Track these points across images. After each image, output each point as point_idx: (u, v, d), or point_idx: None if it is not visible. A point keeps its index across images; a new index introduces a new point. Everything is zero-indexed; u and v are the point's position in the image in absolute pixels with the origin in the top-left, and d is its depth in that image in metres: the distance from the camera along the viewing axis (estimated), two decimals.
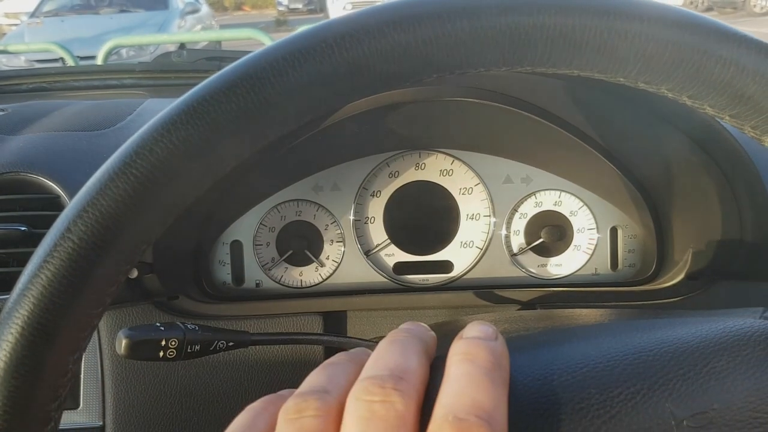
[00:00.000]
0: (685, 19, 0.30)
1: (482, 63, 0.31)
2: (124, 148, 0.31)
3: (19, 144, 0.75)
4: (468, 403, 0.26)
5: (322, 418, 0.27)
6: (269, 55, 0.31)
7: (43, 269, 0.30)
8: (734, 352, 0.30)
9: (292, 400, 0.28)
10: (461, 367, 0.28)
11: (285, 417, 0.28)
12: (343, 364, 0.31)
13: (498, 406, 0.26)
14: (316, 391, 0.29)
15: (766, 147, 0.33)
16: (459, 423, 0.25)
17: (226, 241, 0.82)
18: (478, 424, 0.25)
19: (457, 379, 0.27)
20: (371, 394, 0.27)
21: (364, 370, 0.29)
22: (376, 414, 0.26)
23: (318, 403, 0.28)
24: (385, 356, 0.30)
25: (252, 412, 0.31)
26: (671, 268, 0.76)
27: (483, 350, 0.29)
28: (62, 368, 0.32)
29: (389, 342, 0.31)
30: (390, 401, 0.26)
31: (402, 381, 0.27)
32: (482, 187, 0.83)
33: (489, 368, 0.28)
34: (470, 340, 0.29)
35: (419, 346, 0.31)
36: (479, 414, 0.25)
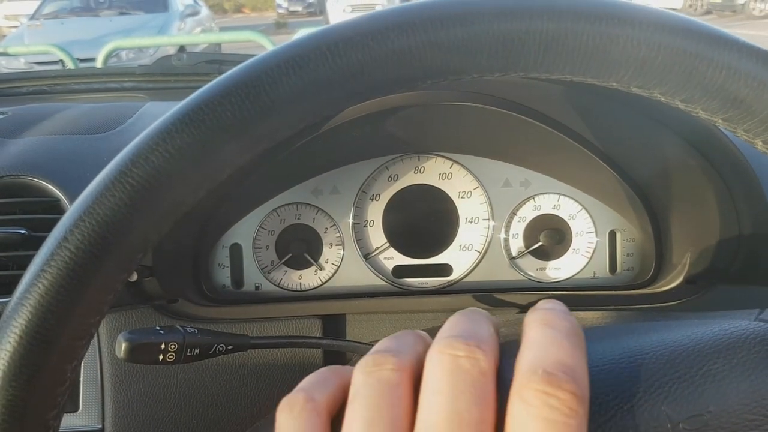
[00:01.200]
0: (677, 24, 0.30)
1: (476, 69, 0.31)
2: (121, 157, 0.31)
3: (19, 147, 0.75)
4: (554, 359, 0.26)
5: (399, 372, 0.28)
6: (264, 63, 0.31)
7: (40, 278, 0.30)
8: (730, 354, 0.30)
9: (369, 356, 0.29)
10: (541, 330, 0.28)
11: (363, 370, 0.29)
12: (410, 335, 0.32)
13: (582, 367, 0.27)
14: (390, 350, 0.29)
15: (760, 150, 0.33)
16: (548, 377, 0.25)
17: (225, 245, 0.82)
18: (566, 380, 0.25)
19: (537, 341, 0.28)
20: (456, 348, 0.27)
21: (441, 332, 0.30)
22: (462, 367, 0.27)
23: (395, 359, 0.29)
24: (462, 323, 0.30)
25: (321, 373, 0.32)
26: (669, 272, 0.76)
27: (560, 318, 0.29)
28: (60, 376, 0.32)
29: (461, 314, 0.32)
30: (474, 357, 0.27)
31: (483, 343, 0.28)
32: (481, 191, 0.83)
33: (569, 332, 0.28)
34: (546, 309, 0.30)
35: (490, 319, 0.32)
36: (566, 371, 0.26)
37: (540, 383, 0.25)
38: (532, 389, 0.25)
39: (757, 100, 0.30)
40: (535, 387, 0.25)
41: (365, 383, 0.28)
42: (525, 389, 0.25)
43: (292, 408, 0.30)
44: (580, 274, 0.83)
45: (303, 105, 0.31)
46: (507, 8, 0.30)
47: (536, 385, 0.25)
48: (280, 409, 0.30)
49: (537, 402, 0.25)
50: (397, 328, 0.79)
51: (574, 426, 0.25)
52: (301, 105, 0.31)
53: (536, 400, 0.25)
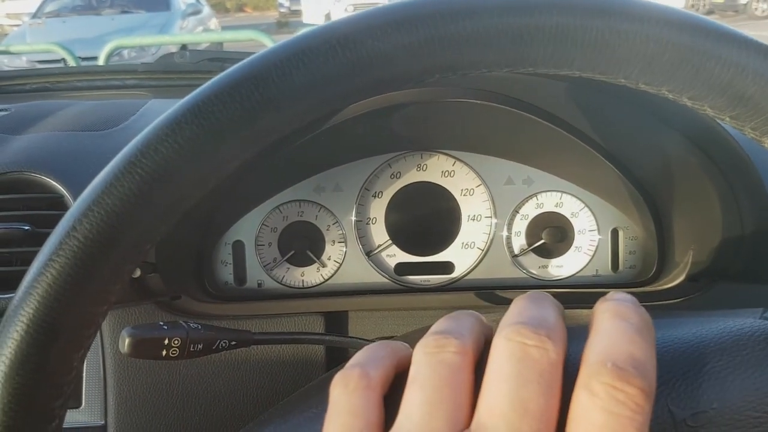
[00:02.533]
0: (686, 21, 0.30)
1: (484, 64, 0.31)
2: (130, 148, 0.31)
3: (22, 144, 0.76)
4: (625, 353, 0.26)
5: (461, 355, 0.28)
6: (273, 56, 0.31)
7: (49, 267, 0.30)
8: (734, 352, 0.30)
9: (430, 337, 0.29)
10: (612, 322, 0.28)
11: (424, 351, 0.28)
12: (469, 316, 0.32)
13: (652, 363, 0.26)
14: (452, 332, 0.29)
15: (767, 148, 0.33)
16: (618, 371, 0.25)
17: (228, 242, 0.82)
18: (636, 375, 0.25)
19: (609, 333, 0.27)
20: (525, 336, 0.27)
21: (508, 317, 0.29)
22: (530, 356, 0.26)
23: (458, 341, 0.28)
24: (530, 309, 0.30)
25: (376, 349, 0.32)
26: (672, 270, 0.76)
27: (632, 310, 0.29)
28: (67, 366, 0.33)
29: (528, 299, 0.31)
30: (544, 347, 0.26)
31: (553, 332, 0.27)
32: (483, 189, 0.83)
33: (640, 327, 0.27)
34: (618, 301, 0.30)
35: (557, 306, 0.31)
36: (636, 366, 0.25)
37: (609, 376, 0.25)
38: (600, 382, 0.25)
39: (765, 98, 0.30)
40: (604, 380, 0.25)
41: (426, 364, 0.28)
42: (593, 381, 0.25)
43: (347, 384, 0.29)
44: (583, 272, 0.83)
45: (311, 98, 0.31)
46: (516, 3, 0.30)
47: (605, 378, 0.25)
48: (335, 384, 0.30)
49: (604, 395, 0.24)
50: (400, 325, 0.79)
51: (639, 422, 0.24)
52: (309, 98, 0.31)
53: (603, 393, 0.25)
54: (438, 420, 0.26)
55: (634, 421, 0.24)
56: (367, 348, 0.32)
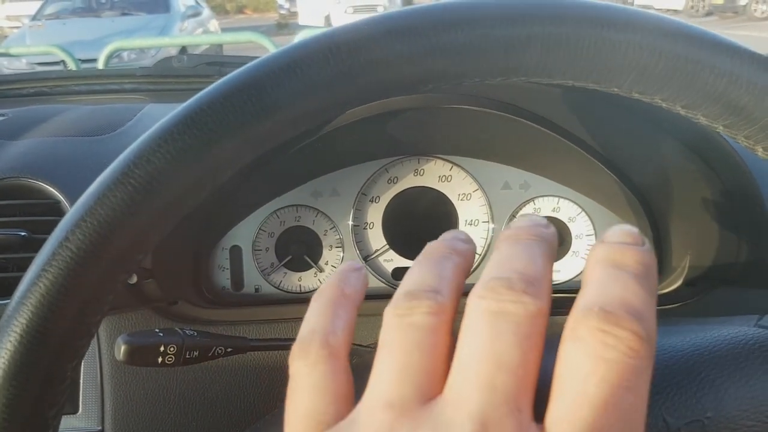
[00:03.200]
0: (679, 30, 0.30)
1: (477, 74, 0.31)
2: (122, 158, 0.31)
3: (19, 149, 0.75)
4: (617, 299, 0.23)
5: (435, 315, 0.25)
6: (266, 65, 0.31)
7: (42, 278, 0.31)
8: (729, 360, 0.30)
9: (401, 298, 0.26)
10: (606, 271, 0.24)
11: (394, 313, 0.26)
12: (447, 256, 0.28)
13: (649, 310, 0.23)
14: (425, 290, 0.26)
15: (760, 156, 0.33)
16: (606, 314, 0.22)
17: (225, 246, 0.82)
18: (628, 318, 0.22)
19: (600, 280, 0.24)
20: (499, 293, 0.24)
21: (486, 270, 0.26)
22: (505, 309, 0.23)
23: (430, 302, 0.25)
24: (510, 258, 0.26)
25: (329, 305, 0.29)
26: (669, 275, 0.76)
27: (630, 257, 0.25)
28: (61, 375, 0.33)
29: (513, 242, 0.27)
30: (522, 301, 0.24)
31: (533, 285, 0.24)
32: (481, 193, 0.83)
33: (638, 273, 0.24)
34: (615, 245, 0.25)
35: (545, 248, 0.27)
36: (629, 311, 0.22)
37: (596, 320, 0.22)
38: (586, 326, 0.22)
39: (758, 107, 0.30)
40: (590, 324, 0.22)
41: (397, 328, 0.25)
42: (578, 326, 0.22)
43: (307, 355, 0.27)
44: (580, 277, 0.83)
45: (304, 107, 0.31)
46: (509, 13, 0.30)
47: (591, 322, 0.22)
48: (293, 357, 0.27)
49: (591, 340, 0.22)
50: None
51: (634, 367, 0.21)
52: (302, 107, 0.31)
53: (590, 337, 0.22)
54: (406, 386, 0.24)
55: (627, 366, 0.21)
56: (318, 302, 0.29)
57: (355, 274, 0.31)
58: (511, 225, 0.28)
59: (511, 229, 0.28)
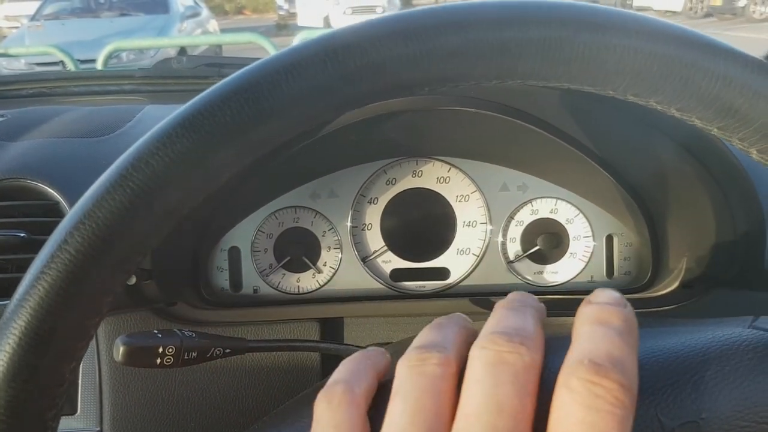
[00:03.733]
0: (673, 34, 0.31)
1: (473, 76, 0.32)
2: (121, 161, 0.31)
3: (18, 150, 0.76)
4: (603, 352, 0.26)
5: (444, 367, 0.28)
6: (263, 69, 0.31)
7: (40, 280, 0.31)
8: (723, 361, 0.30)
9: (413, 351, 0.29)
10: (593, 328, 0.28)
11: (407, 364, 0.29)
12: (452, 326, 0.32)
13: (631, 362, 0.26)
14: (434, 345, 0.29)
15: (754, 159, 0.33)
16: (595, 367, 0.25)
17: (224, 248, 0.83)
18: (614, 370, 0.25)
19: (588, 336, 0.27)
20: (498, 344, 0.27)
21: (486, 327, 0.30)
22: (505, 360, 0.27)
23: (439, 355, 0.29)
24: (506, 318, 0.30)
25: (356, 363, 0.32)
26: (666, 276, 0.77)
27: (615, 315, 0.28)
28: (59, 377, 0.33)
29: (507, 308, 0.31)
30: (518, 352, 0.27)
31: (528, 339, 0.28)
32: (479, 195, 0.83)
33: (622, 330, 0.28)
34: (600, 305, 0.29)
35: (536, 314, 0.31)
36: (614, 363, 0.25)
37: (585, 372, 0.25)
38: (578, 377, 0.25)
39: (752, 110, 0.30)
40: (581, 375, 0.25)
41: (409, 377, 0.28)
42: (571, 378, 0.25)
43: (331, 400, 0.30)
44: (578, 278, 0.84)
45: (301, 110, 0.31)
46: (504, 17, 0.31)
47: (582, 374, 0.25)
48: (318, 401, 0.30)
49: (582, 390, 0.25)
50: (395, 331, 0.79)
51: (619, 416, 0.24)
52: (299, 110, 0.31)
53: (581, 388, 0.25)
54: (417, 429, 0.27)
55: (614, 415, 0.24)
56: (348, 361, 0.33)
57: (382, 354, 0.34)
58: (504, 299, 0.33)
59: (505, 300, 0.32)
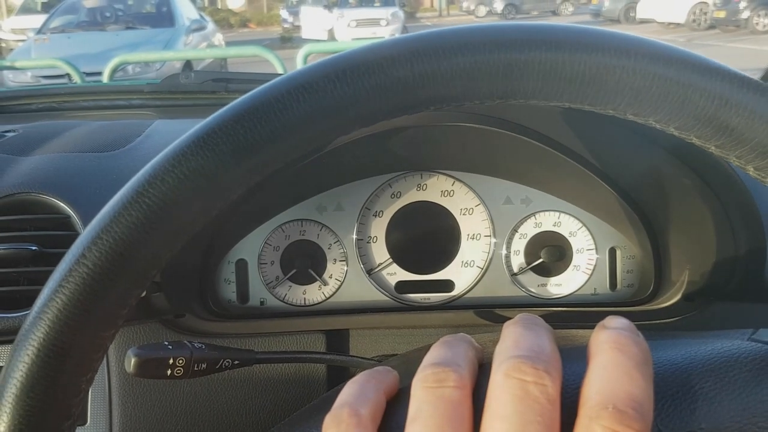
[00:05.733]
0: (671, 55, 0.32)
1: (477, 96, 0.33)
2: (137, 178, 0.32)
3: (30, 165, 0.77)
4: (625, 394, 0.26)
5: (461, 389, 0.28)
6: (275, 89, 0.32)
7: (58, 293, 0.32)
8: (722, 373, 0.31)
9: (430, 370, 0.29)
10: (611, 355, 0.27)
11: (424, 385, 0.28)
12: (461, 343, 0.32)
13: (649, 401, 0.26)
14: (449, 363, 0.29)
15: (752, 176, 0.34)
16: (620, 415, 0.25)
17: (231, 260, 0.83)
18: (636, 418, 0.25)
19: (608, 368, 0.27)
20: (524, 373, 0.27)
21: (504, 347, 0.29)
22: (530, 394, 0.26)
23: (456, 375, 0.28)
24: (525, 338, 0.29)
25: (361, 384, 0.32)
26: (668, 289, 0.77)
27: (632, 343, 0.28)
28: (75, 388, 0.34)
29: (522, 326, 0.31)
30: (543, 384, 0.26)
31: (550, 364, 0.27)
32: (483, 208, 0.84)
33: (639, 361, 0.27)
34: (618, 330, 0.29)
35: (550, 333, 0.30)
36: (636, 408, 0.25)
37: (610, 420, 0.25)
38: (601, 426, 0.25)
39: (748, 129, 0.31)
40: (605, 423, 0.25)
41: (427, 401, 0.28)
42: (594, 425, 0.25)
43: (339, 425, 0.29)
44: (581, 291, 0.84)
45: (311, 129, 0.32)
46: (507, 39, 0.32)
47: (606, 422, 0.25)
48: (326, 426, 0.30)
49: None
50: (400, 343, 0.79)
51: None
52: (309, 129, 0.32)
53: None
54: None
55: None
56: (353, 383, 0.32)
57: (388, 372, 0.34)
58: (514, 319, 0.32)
59: (515, 320, 0.31)
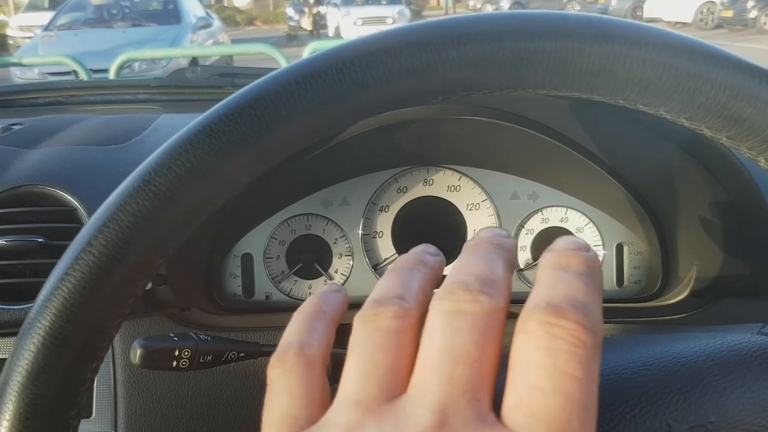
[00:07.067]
0: (682, 45, 0.31)
1: (486, 86, 0.32)
2: (144, 166, 0.32)
3: (36, 157, 0.77)
4: (561, 294, 0.25)
5: (400, 319, 0.27)
6: (282, 78, 0.32)
7: (65, 281, 0.32)
8: (731, 366, 0.31)
9: (368, 306, 0.28)
10: (552, 272, 0.26)
11: (362, 320, 0.27)
12: (414, 268, 0.30)
13: (595, 303, 0.25)
14: (391, 297, 0.28)
15: (763, 167, 0.34)
16: (552, 308, 0.24)
17: (237, 254, 0.83)
18: (572, 311, 0.24)
19: (547, 281, 0.26)
20: (457, 294, 0.26)
21: (447, 276, 0.28)
22: (463, 309, 0.25)
23: (395, 307, 0.27)
24: (469, 264, 0.28)
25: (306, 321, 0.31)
26: (676, 285, 0.77)
27: (576, 259, 0.27)
28: (81, 377, 0.34)
29: (472, 251, 0.29)
30: (478, 300, 0.25)
31: (489, 286, 0.26)
32: (489, 203, 0.84)
33: (581, 272, 0.26)
34: (561, 251, 0.28)
35: (503, 254, 0.29)
36: (574, 305, 0.24)
37: (543, 314, 0.24)
38: (534, 320, 0.24)
39: (760, 119, 0.31)
40: (538, 318, 0.24)
41: (363, 333, 0.27)
42: (527, 321, 0.24)
43: (283, 363, 0.29)
44: None
45: (318, 118, 0.32)
46: (517, 28, 0.31)
47: (539, 316, 0.24)
48: (271, 366, 0.29)
49: (538, 332, 0.24)
50: None
51: (580, 356, 0.23)
52: (316, 118, 0.32)
53: (538, 330, 0.24)
54: (372, 386, 0.25)
55: (574, 355, 0.23)
56: (299, 314, 0.32)
57: (334, 294, 0.33)
58: (474, 237, 0.31)
59: (472, 240, 0.30)
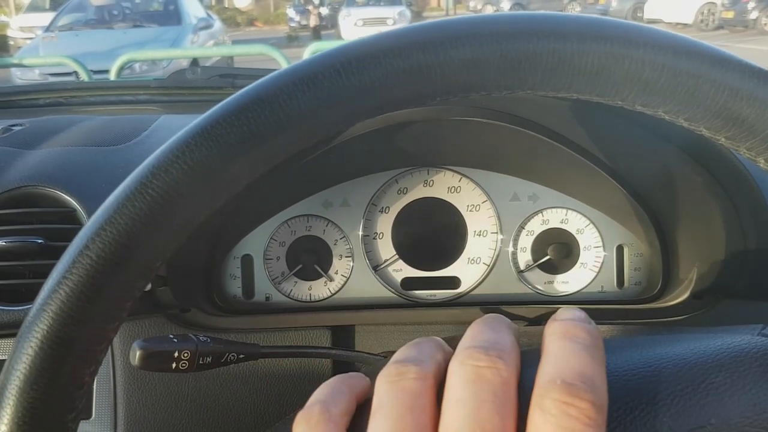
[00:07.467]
0: (680, 45, 0.31)
1: (485, 87, 0.32)
2: (141, 169, 0.32)
3: (36, 158, 0.77)
4: (574, 370, 0.27)
5: (422, 381, 0.29)
6: (280, 80, 0.32)
7: (62, 285, 0.31)
8: (731, 368, 0.30)
9: (392, 365, 0.30)
10: (560, 343, 0.29)
11: (386, 380, 0.29)
12: (429, 342, 0.32)
13: (601, 377, 0.27)
14: (412, 360, 0.30)
15: (762, 168, 0.34)
16: (567, 387, 0.26)
17: (237, 255, 0.83)
18: (585, 389, 0.26)
19: (557, 353, 0.28)
20: (477, 359, 0.28)
21: (462, 342, 0.30)
22: (483, 377, 0.27)
23: (417, 368, 0.29)
24: (482, 332, 0.31)
25: (334, 384, 0.33)
26: (677, 287, 0.77)
27: (581, 330, 0.29)
28: (79, 380, 0.33)
29: (482, 323, 0.32)
30: (496, 367, 0.28)
31: (504, 353, 0.29)
32: (489, 205, 0.83)
33: (588, 345, 0.28)
34: (567, 321, 0.30)
35: (510, 328, 0.32)
36: (585, 381, 0.26)
37: (559, 392, 0.26)
38: (551, 398, 0.26)
39: (759, 120, 0.31)
40: (554, 396, 0.26)
41: (388, 393, 0.29)
42: (544, 399, 0.26)
43: (309, 421, 0.30)
44: (588, 288, 0.84)
45: (316, 120, 0.32)
46: (516, 29, 0.31)
47: (555, 395, 0.26)
48: (297, 423, 0.30)
49: (556, 411, 0.25)
50: (406, 339, 0.78)
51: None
52: (314, 120, 0.32)
53: (555, 409, 0.26)
54: None
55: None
56: (326, 384, 0.33)
57: (360, 378, 0.34)
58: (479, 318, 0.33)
59: (479, 318, 0.33)
